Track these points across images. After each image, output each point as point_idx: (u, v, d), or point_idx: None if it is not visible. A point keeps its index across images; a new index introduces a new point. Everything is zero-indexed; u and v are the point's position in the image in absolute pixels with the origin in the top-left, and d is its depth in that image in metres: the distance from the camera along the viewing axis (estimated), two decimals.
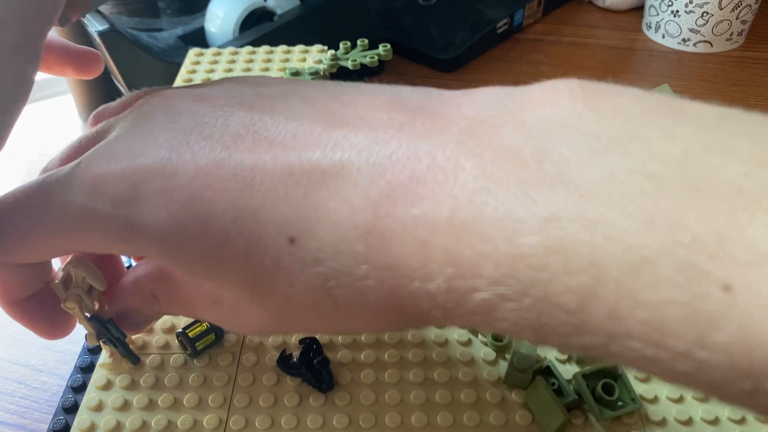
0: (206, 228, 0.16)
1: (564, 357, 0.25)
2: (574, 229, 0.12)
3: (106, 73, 0.47)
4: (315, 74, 0.38)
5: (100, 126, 0.20)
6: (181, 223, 0.16)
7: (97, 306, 0.23)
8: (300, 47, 0.42)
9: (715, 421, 0.23)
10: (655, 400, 0.24)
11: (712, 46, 0.53)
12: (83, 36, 0.45)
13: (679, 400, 0.24)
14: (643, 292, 0.11)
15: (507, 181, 0.13)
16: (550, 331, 0.13)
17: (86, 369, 0.26)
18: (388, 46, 0.41)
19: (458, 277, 0.13)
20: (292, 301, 0.16)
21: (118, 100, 0.23)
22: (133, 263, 0.27)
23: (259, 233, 0.15)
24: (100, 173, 0.17)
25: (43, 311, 0.22)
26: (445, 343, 0.26)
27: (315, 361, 0.25)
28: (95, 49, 0.44)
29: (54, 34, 0.44)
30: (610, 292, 0.12)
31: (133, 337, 0.26)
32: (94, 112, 0.23)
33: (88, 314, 0.22)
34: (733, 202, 0.11)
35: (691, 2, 0.51)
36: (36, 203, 0.18)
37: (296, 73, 0.39)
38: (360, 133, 0.15)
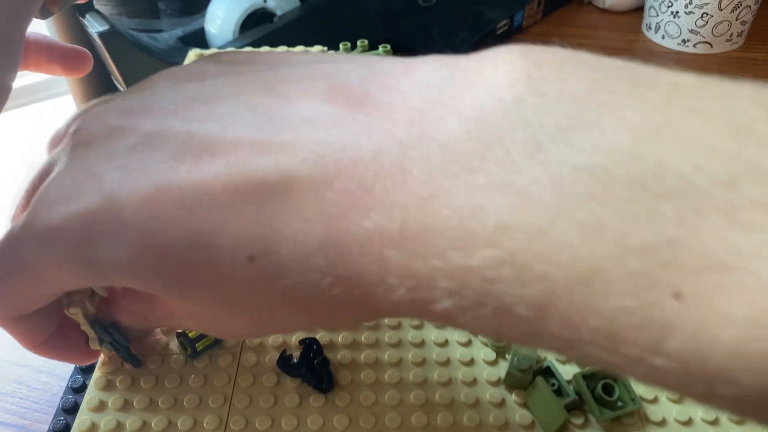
0: (163, 257, 0.16)
1: (564, 357, 0.25)
2: (523, 240, 0.12)
3: (107, 73, 0.47)
4: None
5: (46, 161, 0.20)
6: (137, 256, 0.16)
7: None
8: (300, 48, 0.42)
9: (715, 422, 0.23)
10: (654, 401, 0.24)
11: (711, 47, 0.53)
12: (83, 37, 0.45)
13: (679, 400, 0.24)
14: (595, 302, 0.11)
15: (455, 186, 0.13)
16: (512, 336, 0.13)
17: (86, 369, 0.26)
18: (388, 46, 0.41)
19: (417, 289, 0.13)
20: (268, 311, 0.16)
21: (64, 123, 0.22)
22: None
23: (217, 256, 0.15)
24: (48, 223, 0.17)
25: (68, 342, 0.23)
26: (445, 343, 0.26)
27: (315, 361, 0.25)
28: (96, 49, 0.44)
29: (54, 34, 0.44)
30: (563, 303, 0.11)
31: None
32: (48, 139, 0.22)
33: (90, 319, 0.23)
34: (684, 199, 0.11)
35: (690, 3, 0.51)
36: (5, 263, 0.18)
37: None
38: (302, 136, 0.15)
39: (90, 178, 0.17)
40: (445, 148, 0.13)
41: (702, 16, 0.51)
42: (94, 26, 0.42)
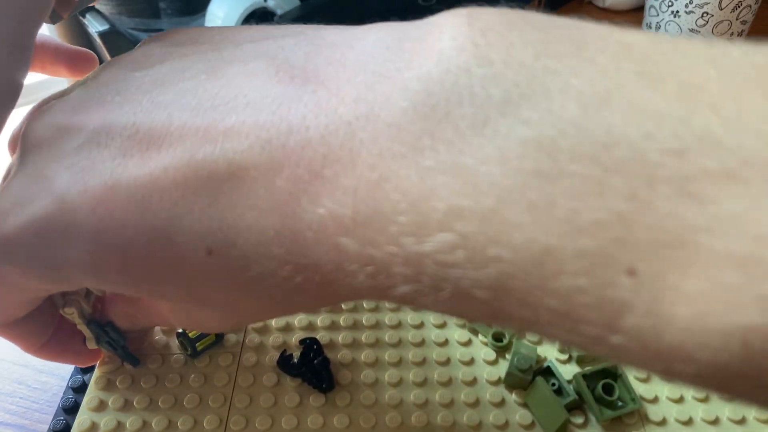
0: (122, 256, 0.15)
1: (564, 357, 0.25)
2: (475, 222, 0.11)
3: None
4: None
5: (8, 167, 0.20)
6: (96, 258, 0.16)
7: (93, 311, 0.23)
8: None
9: (715, 422, 0.23)
10: (655, 400, 0.24)
11: None
12: (83, 37, 0.45)
13: (680, 400, 0.24)
14: (550, 283, 0.11)
15: (404, 168, 0.12)
16: (473, 317, 0.13)
17: (86, 369, 0.26)
18: None
19: (376, 275, 0.13)
20: (236, 302, 0.16)
21: (18, 124, 0.21)
22: None
23: (175, 251, 0.15)
24: (3, 232, 0.17)
25: (68, 345, 0.23)
26: (445, 343, 0.26)
27: (315, 361, 0.25)
28: (96, 49, 0.44)
29: (54, 34, 0.44)
30: (519, 284, 0.11)
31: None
32: (9, 139, 0.22)
33: (86, 319, 0.23)
34: (634, 172, 0.10)
35: (691, 2, 0.51)
36: None
37: None
38: (247, 119, 0.14)
39: (40, 181, 0.17)
40: (392, 128, 0.13)
41: (702, 16, 0.51)
42: (94, 26, 0.42)
